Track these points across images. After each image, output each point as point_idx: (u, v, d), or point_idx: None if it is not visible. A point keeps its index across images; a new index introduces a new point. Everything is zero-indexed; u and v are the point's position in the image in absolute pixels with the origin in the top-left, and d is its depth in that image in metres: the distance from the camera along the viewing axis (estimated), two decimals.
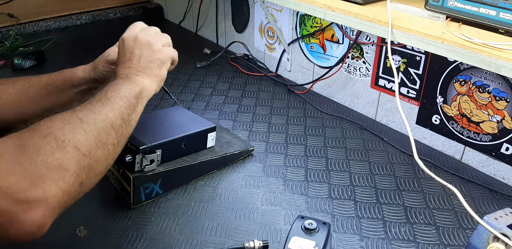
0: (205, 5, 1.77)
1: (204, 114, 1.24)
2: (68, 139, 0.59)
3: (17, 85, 0.95)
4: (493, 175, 1.00)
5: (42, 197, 0.54)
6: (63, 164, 0.57)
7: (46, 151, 0.57)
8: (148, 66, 0.81)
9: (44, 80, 0.97)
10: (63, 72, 0.98)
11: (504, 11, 0.74)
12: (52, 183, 0.55)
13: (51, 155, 0.57)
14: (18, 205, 0.52)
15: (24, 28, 1.82)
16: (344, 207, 0.90)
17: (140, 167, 0.86)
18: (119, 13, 2.06)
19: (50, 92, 0.96)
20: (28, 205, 0.53)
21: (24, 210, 0.52)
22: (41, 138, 0.58)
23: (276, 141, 1.12)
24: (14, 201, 0.52)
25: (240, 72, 1.50)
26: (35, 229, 0.54)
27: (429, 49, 0.80)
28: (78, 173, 0.58)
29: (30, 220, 0.53)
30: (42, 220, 0.54)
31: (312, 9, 0.98)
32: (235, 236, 0.82)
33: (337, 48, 1.28)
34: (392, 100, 1.18)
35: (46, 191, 0.54)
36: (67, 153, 0.58)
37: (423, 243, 0.81)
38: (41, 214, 0.54)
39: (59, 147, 0.58)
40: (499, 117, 0.96)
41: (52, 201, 0.55)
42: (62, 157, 0.57)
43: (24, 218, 0.52)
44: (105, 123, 0.66)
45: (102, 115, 0.66)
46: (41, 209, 0.53)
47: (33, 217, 0.53)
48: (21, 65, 1.49)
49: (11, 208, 0.52)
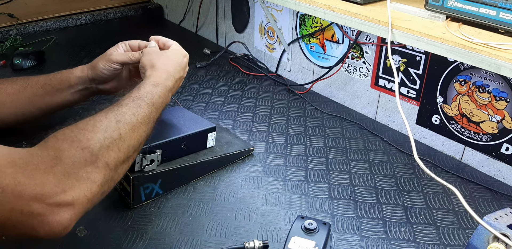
0: (205, 5, 1.77)
1: (204, 114, 1.24)
2: (102, 155, 0.65)
3: (15, 85, 0.95)
4: (493, 175, 1.00)
5: (71, 203, 0.61)
6: (91, 177, 0.63)
7: (80, 164, 0.63)
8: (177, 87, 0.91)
9: (41, 80, 0.97)
10: (61, 72, 0.98)
11: (504, 11, 0.74)
12: (80, 193, 0.62)
13: (83, 167, 0.63)
14: (50, 209, 0.59)
15: (24, 28, 1.82)
16: (344, 207, 0.90)
17: (140, 167, 0.86)
18: (119, 13, 2.06)
19: (46, 92, 0.96)
20: (58, 209, 0.60)
21: (54, 214, 0.59)
22: (79, 150, 0.64)
23: (276, 141, 1.12)
24: (47, 205, 0.59)
25: (240, 72, 1.50)
26: (61, 230, 0.61)
27: (429, 49, 0.80)
28: (103, 185, 0.65)
29: (59, 222, 0.60)
30: (68, 223, 0.61)
31: (312, 9, 0.98)
32: (235, 236, 0.82)
33: (337, 48, 1.28)
34: (392, 100, 1.18)
35: (74, 199, 0.61)
36: (97, 168, 0.64)
37: (423, 243, 0.81)
38: (68, 217, 0.61)
39: (92, 162, 0.64)
40: (499, 117, 0.96)
41: (79, 207, 0.62)
42: (92, 171, 0.64)
43: (54, 220, 0.59)
44: (137, 142, 0.73)
45: (138, 135, 0.73)
46: (68, 213, 0.61)
47: (61, 220, 0.60)
48: (21, 65, 1.49)
49: (44, 212, 0.59)
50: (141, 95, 0.78)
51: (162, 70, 0.85)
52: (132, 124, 0.72)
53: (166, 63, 0.88)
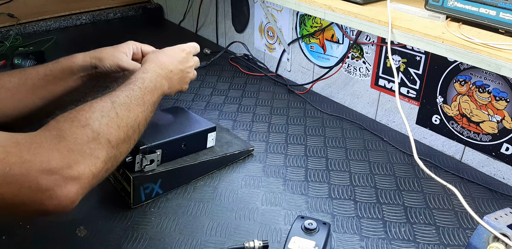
0: (205, 5, 1.77)
1: (204, 114, 1.24)
2: (103, 132, 0.68)
3: (13, 79, 0.95)
4: (493, 175, 1.00)
5: (77, 177, 0.62)
6: (95, 153, 0.66)
7: (82, 141, 0.65)
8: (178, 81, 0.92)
9: (41, 71, 0.97)
10: (59, 61, 0.98)
11: (504, 11, 0.74)
12: (86, 167, 0.64)
13: (86, 144, 0.65)
14: (57, 183, 0.61)
15: (24, 28, 1.82)
16: (344, 207, 0.90)
17: (140, 167, 0.86)
18: (119, 13, 2.06)
19: (49, 82, 0.96)
20: (65, 183, 0.61)
21: (61, 188, 0.61)
22: (79, 128, 0.66)
23: (276, 141, 1.12)
24: (54, 180, 0.60)
25: (240, 72, 1.50)
26: (69, 203, 0.62)
27: (429, 49, 0.80)
28: (106, 161, 0.67)
29: (66, 196, 0.61)
30: (75, 196, 0.63)
31: (312, 9, 0.98)
32: (235, 236, 0.82)
33: (337, 48, 1.28)
34: (392, 100, 1.18)
35: (80, 173, 0.63)
36: (99, 144, 0.67)
37: (423, 243, 0.81)
38: (75, 191, 0.62)
39: (94, 138, 0.66)
40: (499, 117, 0.96)
41: (84, 181, 0.63)
42: (95, 147, 0.66)
43: (62, 194, 0.61)
44: (135, 122, 0.75)
45: (134, 115, 0.75)
46: (75, 187, 0.62)
47: (69, 193, 0.61)
48: (21, 65, 1.49)
49: (51, 186, 0.60)
50: (132, 81, 0.81)
51: (153, 61, 0.90)
52: (127, 104, 0.75)
53: (158, 56, 0.92)
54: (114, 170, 0.91)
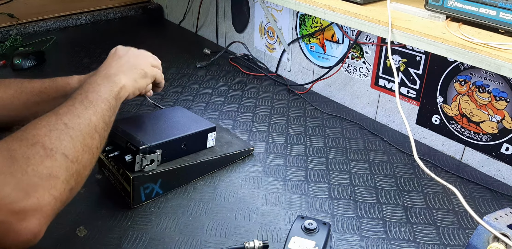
0: (205, 5, 1.77)
1: (204, 114, 1.24)
2: (56, 147, 0.61)
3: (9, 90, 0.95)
4: (493, 175, 1.00)
5: (37, 206, 0.55)
6: (53, 172, 0.58)
7: (35, 160, 0.58)
8: (130, 70, 0.84)
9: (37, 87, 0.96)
10: (56, 80, 0.97)
11: (504, 11, 0.74)
12: (45, 192, 0.56)
13: (41, 164, 0.58)
14: (14, 215, 0.53)
15: (24, 28, 1.82)
16: (344, 207, 0.90)
17: (140, 167, 0.86)
18: (119, 13, 2.06)
19: (42, 100, 0.96)
20: (24, 215, 0.54)
21: (20, 220, 0.53)
22: (29, 147, 0.59)
23: (276, 141, 1.12)
24: (10, 212, 0.53)
25: (240, 72, 1.50)
26: (31, 237, 0.55)
27: (429, 49, 0.80)
28: (68, 180, 0.60)
29: (26, 229, 0.54)
30: (37, 228, 0.55)
31: (312, 9, 0.98)
32: (235, 236, 0.82)
33: (337, 48, 1.28)
34: (392, 100, 1.18)
35: (40, 200, 0.55)
36: (56, 161, 0.59)
37: (423, 243, 0.81)
38: (37, 222, 0.55)
39: (48, 155, 0.59)
40: (499, 117, 0.96)
41: (47, 209, 0.56)
42: (51, 165, 0.58)
43: (20, 227, 0.54)
44: (89, 128, 0.67)
45: (86, 120, 0.67)
46: (36, 217, 0.55)
47: (29, 226, 0.54)
48: (21, 65, 1.49)
49: (7, 219, 0.53)
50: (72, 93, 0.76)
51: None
52: (72, 111, 0.68)
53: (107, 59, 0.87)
54: (114, 170, 0.91)
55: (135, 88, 0.84)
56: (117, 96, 0.77)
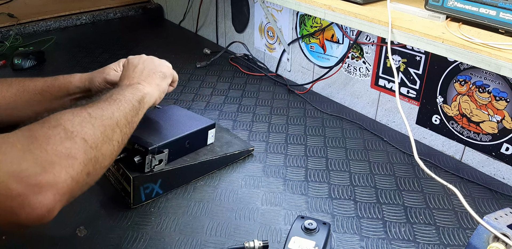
0: (205, 5, 1.77)
1: (204, 114, 1.24)
2: (77, 131, 0.63)
3: (11, 89, 0.95)
4: (493, 175, 1.00)
5: (53, 181, 0.56)
6: (72, 153, 0.60)
7: (55, 140, 0.60)
8: (150, 76, 0.88)
9: (39, 85, 0.96)
10: (58, 79, 0.98)
11: (504, 11, 0.74)
12: (62, 169, 0.58)
13: (60, 144, 0.60)
14: (30, 188, 0.54)
15: (24, 28, 1.82)
16: (344, 207, 0.90)
17: (149, 167, 0.86)
18: (119, 13, 2.06)
19: (45, 98, 0.96)
20: (39, 189, 0.55)
21: (35, 193, 0.55)
22: (51, 128, 0.62)
23: (276, 141, 1.12)
24: (26, 184, 0.54)
25: (240, 72, 1.50)
26: (45, 212, 0.56)
27: (429, 49, 0.80)
28: (86, 163, 0.61)
29: (41, 203, 0.55)
30: (52, 204, 0.56)
31: (312, 9, 0.98)
32: (235, 236, 0.82)
33: (337, 48, 1.28)
34: (392, 100, 1.18)
35: (56, 176, 0.57)
36: (75, 143, 0.61)
37: (423, 243, 0.81)
38: (51, 197, 0.56)
39: (68, 137, 0.61)
40: (499, 117, 0.96)
41: (62, 186, 0.57)
42: (71, 147, 0.60)
43: (35, 201, 0.54)
44: (111, 121, 0.70)
45: (109, 113, 0.71)
46: (51, 192, 0.56)
47: (43, 200, 0.55)
48: (21, 65, 1.49)
49: (23, 192, 0.54)
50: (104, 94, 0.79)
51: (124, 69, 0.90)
52: (97, 105, 0.72)
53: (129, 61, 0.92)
54: (114, 170, 0.91)
55: (160, 92, 0.88)
56: (141, 100, 0.80)
